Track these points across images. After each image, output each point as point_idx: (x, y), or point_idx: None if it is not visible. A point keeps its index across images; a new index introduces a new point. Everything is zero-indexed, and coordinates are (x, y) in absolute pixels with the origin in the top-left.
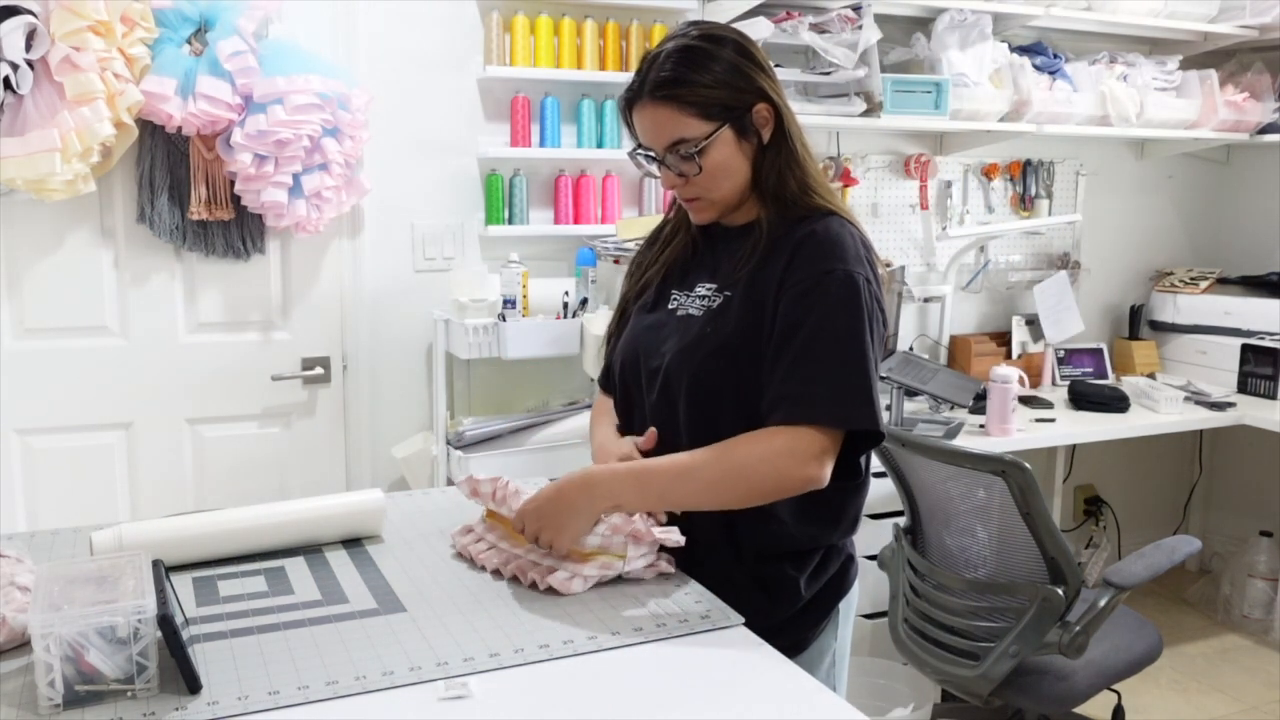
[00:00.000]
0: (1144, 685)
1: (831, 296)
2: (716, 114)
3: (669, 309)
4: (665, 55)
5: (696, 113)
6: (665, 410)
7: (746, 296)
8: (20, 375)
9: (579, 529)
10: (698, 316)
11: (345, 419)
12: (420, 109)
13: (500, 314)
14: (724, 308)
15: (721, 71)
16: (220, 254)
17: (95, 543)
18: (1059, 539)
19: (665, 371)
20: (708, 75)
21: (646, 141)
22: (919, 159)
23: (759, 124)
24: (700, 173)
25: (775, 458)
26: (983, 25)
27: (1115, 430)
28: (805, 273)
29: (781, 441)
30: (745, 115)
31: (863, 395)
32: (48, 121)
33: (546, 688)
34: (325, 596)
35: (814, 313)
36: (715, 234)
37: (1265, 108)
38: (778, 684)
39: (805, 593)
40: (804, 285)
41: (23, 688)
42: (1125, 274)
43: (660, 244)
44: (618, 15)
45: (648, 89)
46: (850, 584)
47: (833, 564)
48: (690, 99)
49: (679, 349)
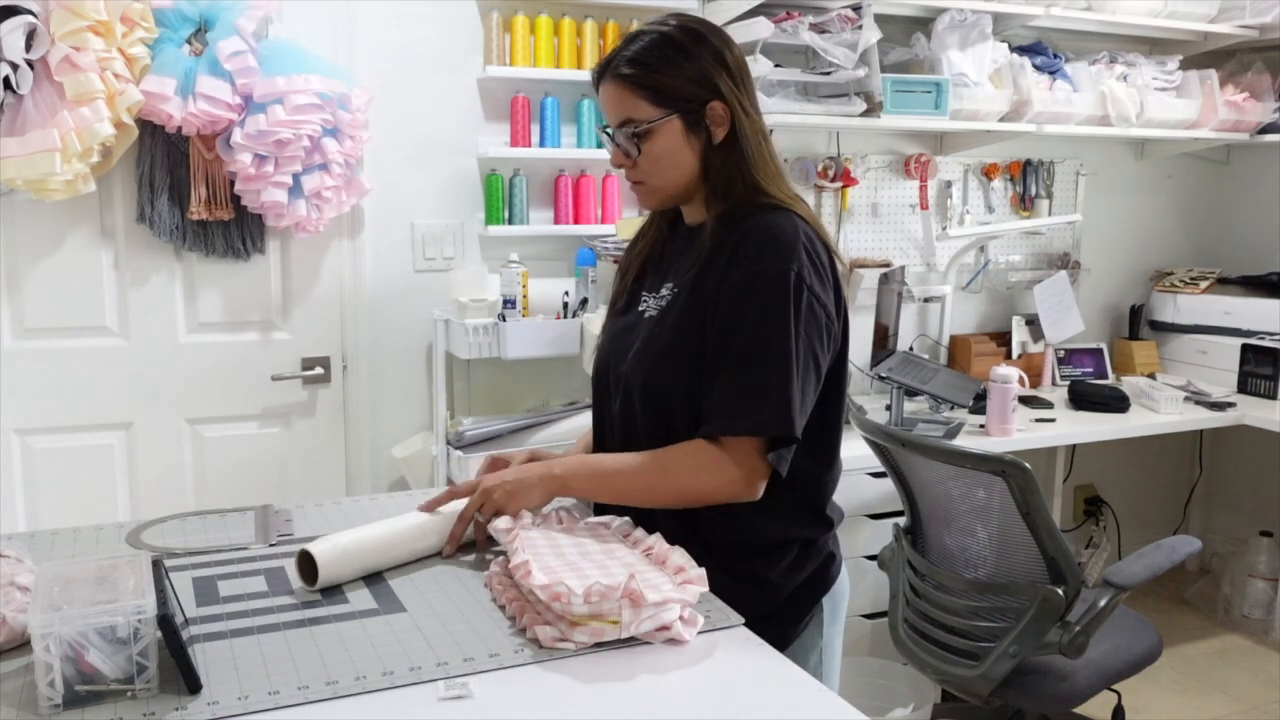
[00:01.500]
0: (1144, 685)
1: (760, 298)
2: (668, 102)
3: (638, 311)
4: (638, 38)
5: (649, 96)
6: (627, 414)
7: (691, 297)
8: (20, 375)
9: (530, 501)
10: (654, 318)
11: (345, 419)
12: (420, 109)
13: (500, 314)
14: (673, 309)
15: (686, 64)
16: (220, 254)
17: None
18: (1059, 539)
19: (625, 376)
20: (669, 65)
21: (606, 118)
22: (919, 159)
23: (712, 121)
24: (641, 155)
25: (700, 470)
26: (983, 25)
27: (1115, 430)
28: (740, 273)
29: (707, 456)
30: (699, 110)
31: (779, 401)
32: (48, 121)
33: (546, 688)
34: (325, 596)
35: (745, 319)
36: (680, 234)
37: (1265, 108)
38: (778, 684)
39: (782, 589)
40: (738, 288)
41: (23, 688)
42: (1125, 274)
43: (638, 245)
44: (618, 15)
45: (612, 67)
46: (832, 580)
47: (810, 561)
48: (645, 82)
49: (636, 352)
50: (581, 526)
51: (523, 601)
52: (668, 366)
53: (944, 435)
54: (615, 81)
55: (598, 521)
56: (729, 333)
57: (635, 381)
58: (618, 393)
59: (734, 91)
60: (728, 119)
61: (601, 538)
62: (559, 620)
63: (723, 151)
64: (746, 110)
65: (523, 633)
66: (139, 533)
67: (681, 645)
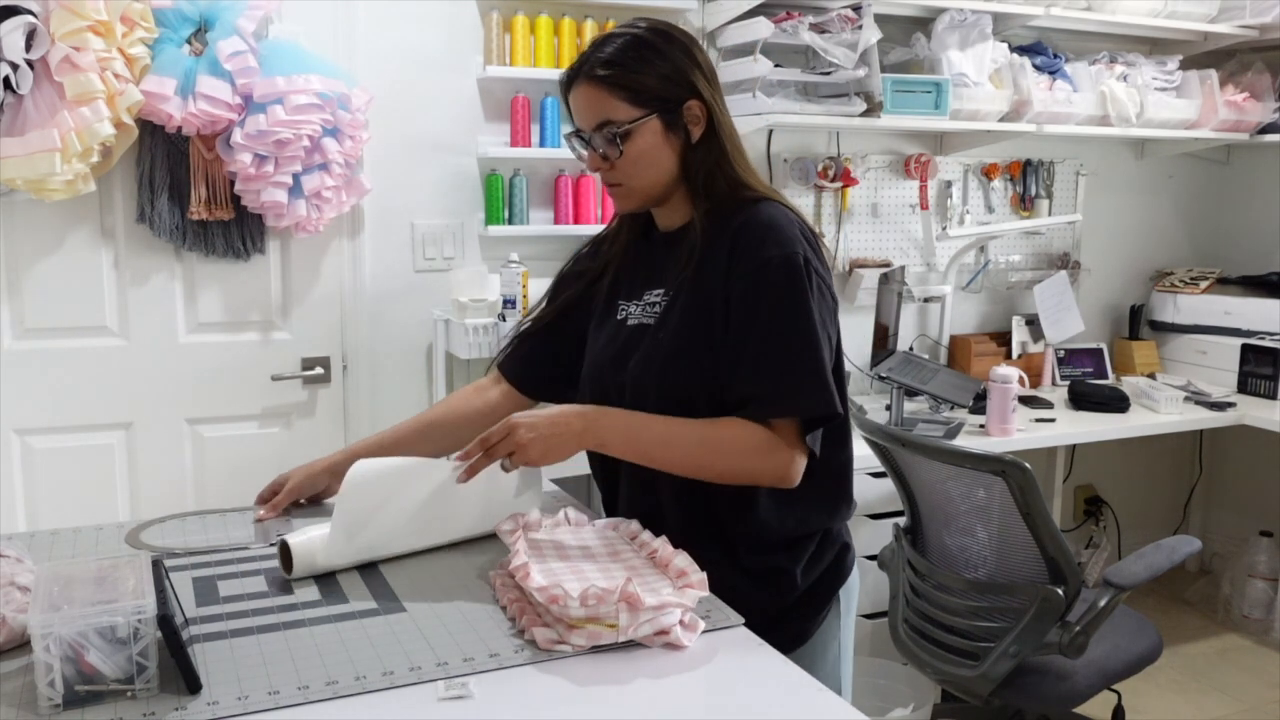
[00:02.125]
0: (1144, 685)
1: (775, 284)
2: (646, 102)
3: (618, 319)
4: (609, 40)
5: (627, 97)
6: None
7: (691, 296)
8: (20, 375)
9: (556, 454)
10: (650, 325)
11: (345, 419)
12: (420, 109)
13: (500, 314)
14: (673, 311)
15: (660, 64)
16: (220, 254)
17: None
18: (1059, 539)
19: (632, 384)
20: (645, 65)
21: (579, 122)
22: (919, 159)
23: (689, 120)
24: (621, 157)
25: (750, 452)
26: (983, 25)
27: (1115, 430)
28: (747, 263)
29: (758, 438)
30: (676, 109)
31: (817, 381)
32: (48, 121)
33: (546, 688)
34: (325, 596)
35: (762, 302)
36: (655, 240)
37: (1265, 108)
38: (778, 684)
39: (801, 582)
40: (749, 276)
41: (23, 688)
42: (1125, 274)
43: (603, 251)
44: (618, 15)
45: (585, 70)
46: (848, 571)
47: (828, 552)
48: (623, 83)
49: (641, 359)
50: (588, 528)
51: (523, 602)
52: (680, 368)
53: (944, 435)
54: (591, 83)
55: (606, 524)
56: (750, 320)
57: (648, 387)
58: (621, 397)
59: (709, 89)
60: (704, 117)
61: (607, 540)
62: (557, 623)
63: (701, 149)
64: (722, 107)
65: (522, 634)
66: (139, 532)
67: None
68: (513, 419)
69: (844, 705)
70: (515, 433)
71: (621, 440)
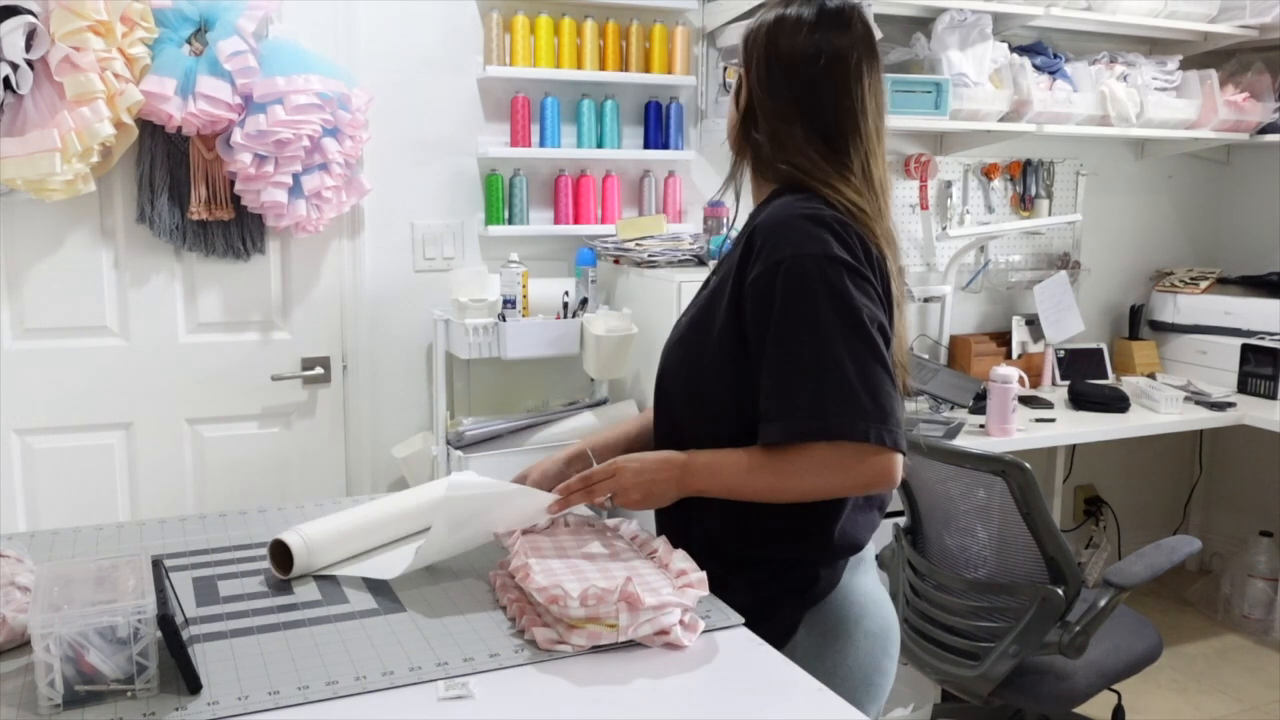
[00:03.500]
0: (1144, 685)
1: (784, 292)
2: (743, 58)
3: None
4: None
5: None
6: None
7: (718, 284)
8: (20, 375)
9: (655, 501)
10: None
11: (345, 419)
12: (420, 109)
13: (500, 314)
14: (699, 297)
15: (761, 33)
16: (220, 254)
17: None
18: (1059, 539)
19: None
20: (758, 25)
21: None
22: (919, 159)
23: (740, 87)
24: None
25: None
26: (983, 25)
27: (1115, 430)
28: (760, 269)
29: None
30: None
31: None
32: (48, 121)
33: (546, 688)
34: (325, 596)
35: (773, 312)
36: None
37: (1265, 108)
38: (778, 684)
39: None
40: (760, 284)
41: (23, 688)
42: (1125, 274)
43: None
44: (618, 15)
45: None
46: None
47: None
48: (744, 34)
49: (668, 339)
50: (588, 528)
51: (523, 602)
52: (679, 356)
53: (944, 435)
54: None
55: (606, 524)
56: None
57: (664, 368)
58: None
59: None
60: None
61: (607, 540)
62: (557, 623)
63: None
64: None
65: (522, 634)
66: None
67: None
68: (618, 462)
69: (844, 705)
70: (621, 476)
71: (708, 479)
